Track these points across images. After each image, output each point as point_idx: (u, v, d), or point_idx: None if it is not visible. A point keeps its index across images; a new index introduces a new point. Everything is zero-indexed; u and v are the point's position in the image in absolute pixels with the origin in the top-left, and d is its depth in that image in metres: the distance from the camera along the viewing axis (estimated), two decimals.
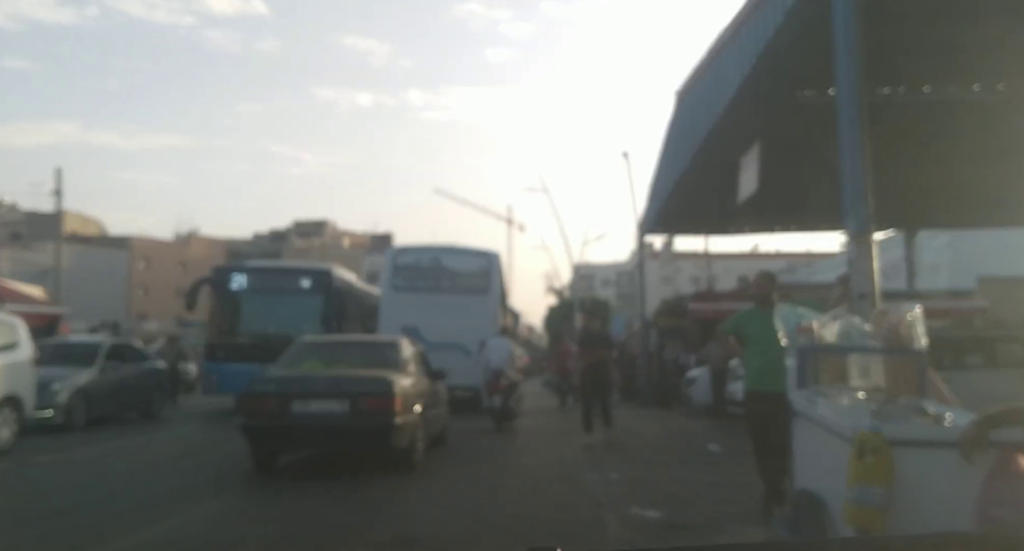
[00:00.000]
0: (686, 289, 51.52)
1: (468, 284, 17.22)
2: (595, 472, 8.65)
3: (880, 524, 3.20)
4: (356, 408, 7.93)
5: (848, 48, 6.00)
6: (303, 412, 8.00)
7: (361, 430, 7.95)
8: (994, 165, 13.32)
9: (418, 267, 17.72)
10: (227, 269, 18.40)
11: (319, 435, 8.17)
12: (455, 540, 5.78)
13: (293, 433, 8.12)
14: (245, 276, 17.25)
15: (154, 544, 5.66)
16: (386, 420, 7.85)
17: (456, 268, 17.70)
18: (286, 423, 7.97)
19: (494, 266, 17.81)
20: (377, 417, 7.88)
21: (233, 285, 16.94)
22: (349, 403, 7.95)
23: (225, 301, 16.92)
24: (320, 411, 8.01)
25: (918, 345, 4.03)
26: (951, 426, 3.43)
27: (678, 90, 14.05)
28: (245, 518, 6.49)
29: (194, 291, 17.11)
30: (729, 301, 19.41)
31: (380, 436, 7.91)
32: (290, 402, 8.01)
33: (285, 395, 8.06)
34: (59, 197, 31.29)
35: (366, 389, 8.08)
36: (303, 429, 8.07)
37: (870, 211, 5.81)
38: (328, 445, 8.76)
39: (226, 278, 17.16)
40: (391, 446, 8.01)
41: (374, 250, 77.08)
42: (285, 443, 8.51)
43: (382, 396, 7.98)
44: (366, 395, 8.01)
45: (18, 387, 10.48)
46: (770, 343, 5.82)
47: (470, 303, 16.74)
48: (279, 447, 8.56)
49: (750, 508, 6.17)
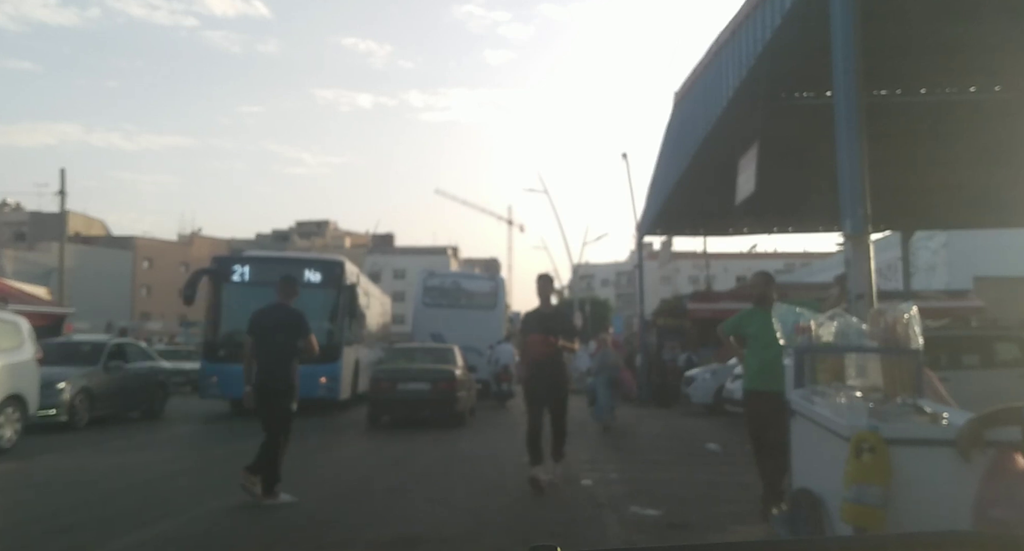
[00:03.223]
0: (685, 289, 51.68)
1: (480, 302, 21.37)
2: (595, 471, 8.68)
3: (878, 523, 3.22)
4: (434, 388, 13.24)
5: (845, 50, 6.03)
6: (403, 389, 13.32)
7: (437, 401, 13.16)
8: (990, 166, 13.36)
9: (442, 288, 22.65)
10: (228, 259, 16.74)
11: (412, 404, 13.30)
12: (455, 540, 5.80)
13: (397, 402, 13.30)
14: (248, 267, 15.78)
15: (154, 544, 5.68)
16: (451, 395, 13.22)
17: (471, 289, 22.50)
18: (394, 397, 13.31)
19: (500, 288, 22.67)
20: (446, 393, 13.19)
21: (235, 277, 15.53)
22: (430, 385, 13.29)
23: (226, 295, 15.38)
24: (413, 389, 13.31)
25: (914, 345, 4.06)
26: (948, 425, 3.45)
27: (676, 91, 14.10)
28: (245, 518, 6.51)
29: (192, 283, 15.30)
30: (727, 301, 19.48)
31: (447, 405, 13.22)
32: (396, 384, 13.39)
33: (393, 379, 13.46)
34: (63, 197, 31.25)
35: (439, 376, 13.42)
36: (403, 400, 13.28)
37: (867, 212, 5.84)
38: (417, 410, 13.33)
39: (227, 269, 15.67)
40: (454, 411, 13.28)
41: (375, 250, 77.16)
42: (393, 409, 13.51)
43: (448, 381, 13.36)
44: (439, 380, 13.34)
45: (22, 386, 10.51)
46: (768, 343, 5.85)
47: (482, 316, 20.96)
48: (389, 412, 13.59)
49: (749, 507, 6.19)
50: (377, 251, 77.37)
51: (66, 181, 31.08)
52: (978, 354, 11.00)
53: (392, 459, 10.02)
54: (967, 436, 3.21)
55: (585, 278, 65.72)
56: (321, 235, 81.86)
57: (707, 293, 24.60)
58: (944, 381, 4.85)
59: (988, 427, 3.19)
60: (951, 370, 9.01)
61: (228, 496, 7.04)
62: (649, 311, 24.29)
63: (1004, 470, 3.10)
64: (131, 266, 60.49)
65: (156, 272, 61.77)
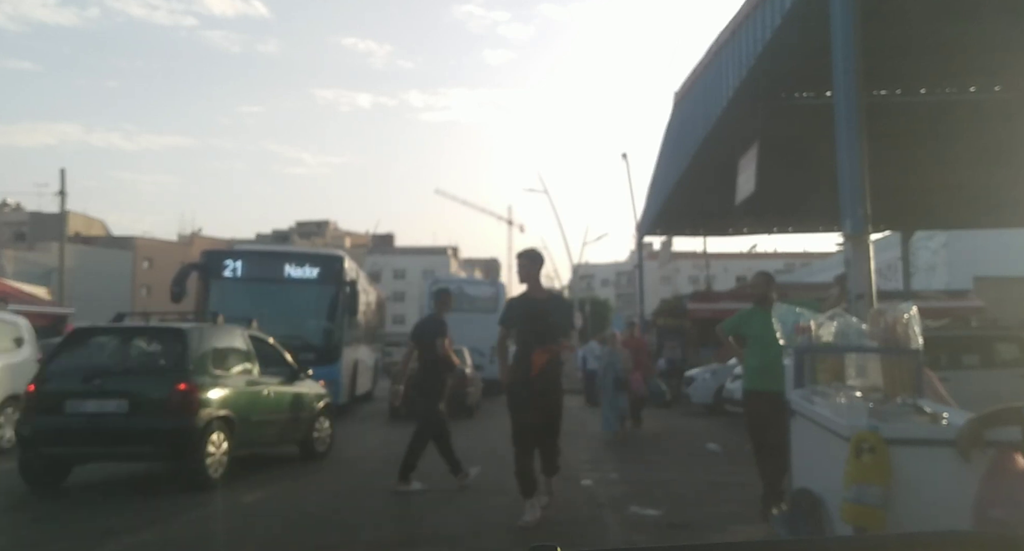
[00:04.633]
0: (685, 289, 51.66)
1: (483, 306, 22.16)
2: (595, 471, 8.68)
3: (878, 523, 3.22)
4: None
5: (845, 50, 6.04)
6: None
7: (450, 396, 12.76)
8: (990, 166, 13.37)
9: None
10: (219, 254, 15.35)
11: None
12: (455, 540, 5.80)
13: None
14: (241, 262, 14.50)
15: (154, 544, 5.68)
16: (462, 391, 14.20)
17: (475, 294, 23.62)
18: None
19: (501, 292, 23.58)
20: (459, 389, 13.48)
21: (226, 272, 14.28)
22: None
23: (217, 291, 14.06)
24: None
25: (914, 345, 4.06)
26: (948, 425, 3.45)
27: (676, 91, 14.11)
28: (245, 518, 6.51)
29: (181, 279, 14.03)
30: (727, 301, 19.49)
31: (460, 399, 13.83)
32: None
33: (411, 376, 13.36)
34: (63, 197, 31.25)
35: None
36: None
37: (867, 212, 5.84)
38: None
39: (218, 264, 14.35)
40: (465, 405, 14.53)
41: (375, 250, 77.17)
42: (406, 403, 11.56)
43: (460, 378, 13.68)
44: None
45: (22, 386, 10.45)
46: (768, 343, 5.85)
47: (484, 319, 21.30)
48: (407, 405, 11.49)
49: (749, 507, 6.19)
50: (377, 251, 77.36)
51: (66, 181, 31.11)
52: (978, 354, 11.00)
53: (392, 459, 9.96)
54: (967, 436, 3.21)
55: (585, 278, 65.71)
56: (321, 235, 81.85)
57: (707, 293, 24.59)
58: (944, 381, 4.85)
59: (988, 427, 3.19)
60: (951, 370, 9.00)
61: (228, 496, 7.04)
62: (649, 311, 24.31)
63: (1004, 470, 3.10)
64: (131, 266, 60.48)
65: (156, 272, 61.70)
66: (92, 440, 7.24)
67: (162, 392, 7.26)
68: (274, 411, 8.64)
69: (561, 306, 6.70)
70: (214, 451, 7.41)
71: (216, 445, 7.45)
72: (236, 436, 7.69)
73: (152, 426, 7.18)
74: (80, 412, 7.25)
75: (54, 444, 7.30)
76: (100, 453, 7.53)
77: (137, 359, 8.09)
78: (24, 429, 7.41)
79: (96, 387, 7.31)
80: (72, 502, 7.05)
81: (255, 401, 8.28)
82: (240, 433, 7.75)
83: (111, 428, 7.19)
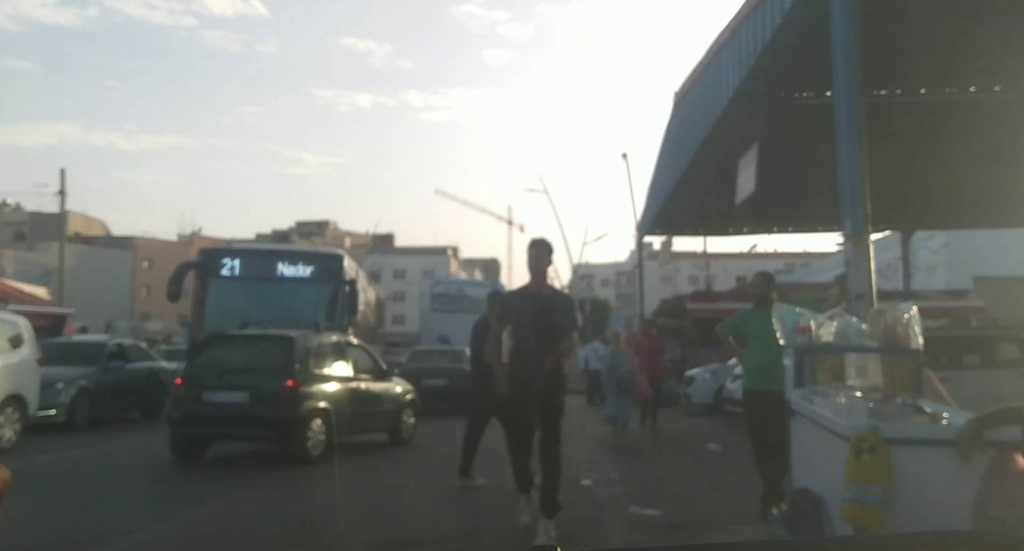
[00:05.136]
0: (685, 289, 51.63)
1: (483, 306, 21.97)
2: (595, 471, 8.68)
3: (878, 523, 3.22)
4: (451, 383, 15.74)
5: (845, 50, 6.04)
6: (426, 384, 15.39)
7: (454, 394, 14.70)
8: (990, 166, 13.37)
9: (448, 294, 26.31)
10: (216, 252, 15.02)
11: (433, 397, 15.07)
12: (455, 540, 5.80)
13: (421, 394, 12.76)
14: (239, 260, 14.17)
15: (154, 544, 5.68)
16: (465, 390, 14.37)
17: (474, 295, 24.53)
18: (418, 390, 12.84)
19: None
20: (462, 388, 12.96)
21: (224, 271, 13.92)
22: (448, 380, 16.06)
23: (214, 290, 13.71)
24: (434, 384, 16.05)
25: (914, 345, 4.06)
26: (948, 425, 3.45)
27: (676, 91, 14.11)
28: (245, 518, 6.51)
29: (177, 278, 13.40)
30: (727, 301, 19.49)
31: (463, 398, 13.33)
32: (420, 380, 14.86)
33: (417, 375, 15.30)
34: (63, 197, 31.25)
35: (455, 373, 15.89)
36: (425, 393, 13.96)
37: (867, 212, 5.84)
38: (437, 402, 15.13)
39: (215, 263, 14.00)
40: None
41: (375, 250, 77.17)
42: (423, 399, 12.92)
43: (463, 377, 13.43)
44: (456, 376, 15.52)
45: (22, 386, 10.51)
46: (768, 343, 5.85)
47: None
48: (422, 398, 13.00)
49: (749, 507, 6.19)
50: (377, 251, 77.33)
51: (66, 181, 31.11)
52: (978, 354, 10.99)
53: (393, 459, 10.03)
54: (967, 436, 3.21)
55: (585, 278, 65.74)
56: (321, 235, 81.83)
57: (707, 293, 24.60)
58: (944, 381, 4.85)
59: (988, 427, 3.19)
60: (951, 370, 8.99)
61: (228, 496, 7.04)
62: (649, 311, 24.30)
63: (1004, 470, 3.10)
64: (131, 266, 60.50)
65: (156, 272, 61.64)
66: (222, 424, 9.15)
67: (274, 387, 8.98)
68: (365, 404, 10.28)
69: (564, 304, 6.12)
70: (313, 435, 9.04)
71: (316, 431, 9.08)
72: (333, 424, 9.18)
73: (267, 414, 8.95)
74: (213, 401, 9.10)
75: (194, 426, 9.17)
76: (228, 434, 9.50)
77: (256, 359, 9.67)
78: (172, 413, 9.27)
79: (225, 382, 9.19)
80: (71, 502, 7.04)
81: (349, 395, 9.94)
82: (337, 422, 9.24)
83: (236, 415, 9.04)
